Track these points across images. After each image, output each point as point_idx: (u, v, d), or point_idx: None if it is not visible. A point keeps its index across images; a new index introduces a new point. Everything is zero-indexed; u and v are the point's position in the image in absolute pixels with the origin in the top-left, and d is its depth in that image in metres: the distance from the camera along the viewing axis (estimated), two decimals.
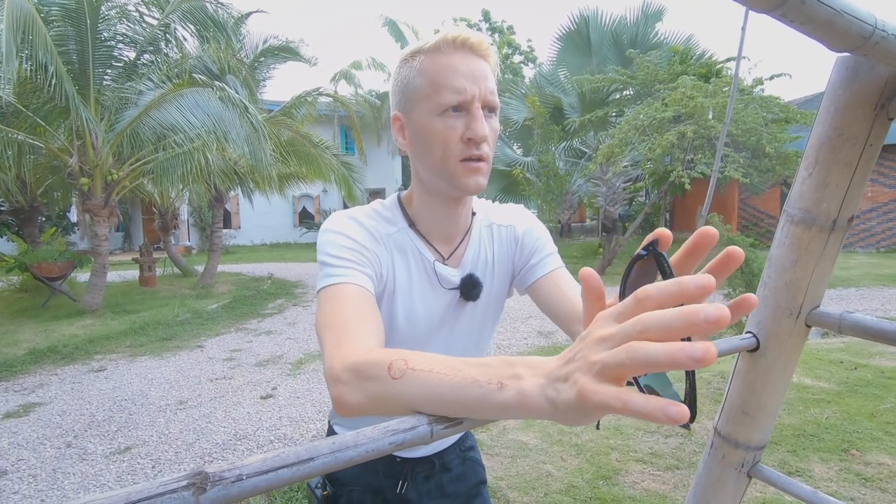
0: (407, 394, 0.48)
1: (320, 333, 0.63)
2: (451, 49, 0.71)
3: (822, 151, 0.69)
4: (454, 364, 0.46)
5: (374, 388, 0.51)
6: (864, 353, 4.16)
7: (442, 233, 0.83)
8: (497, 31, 24.37)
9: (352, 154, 16.20)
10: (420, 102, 0.73)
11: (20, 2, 5.26)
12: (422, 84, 0.72)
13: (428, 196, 0.80)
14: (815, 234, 0.72)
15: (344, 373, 0.54)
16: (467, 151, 0.71)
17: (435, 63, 0.71)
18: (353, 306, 0.66)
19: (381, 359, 0.51)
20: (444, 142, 0.71)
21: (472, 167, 0.72)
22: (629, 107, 11.46)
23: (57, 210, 11.78)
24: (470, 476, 1.06)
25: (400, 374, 0.49)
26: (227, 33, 7.94)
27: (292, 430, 3.33)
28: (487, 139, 0.72)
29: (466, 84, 0.70)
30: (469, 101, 0.70)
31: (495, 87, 0.74)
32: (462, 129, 0.71)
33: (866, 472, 2.40)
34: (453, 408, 0.45)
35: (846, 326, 0.74)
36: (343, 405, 0.54)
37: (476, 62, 0.72)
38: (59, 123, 6.72)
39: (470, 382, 0.43)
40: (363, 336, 0.61)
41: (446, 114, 0.71)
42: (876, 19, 0.47)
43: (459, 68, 0.70)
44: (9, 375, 4.53)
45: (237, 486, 0.36)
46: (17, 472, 2.86)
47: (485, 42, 0.72)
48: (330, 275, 0.70)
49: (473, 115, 0.70)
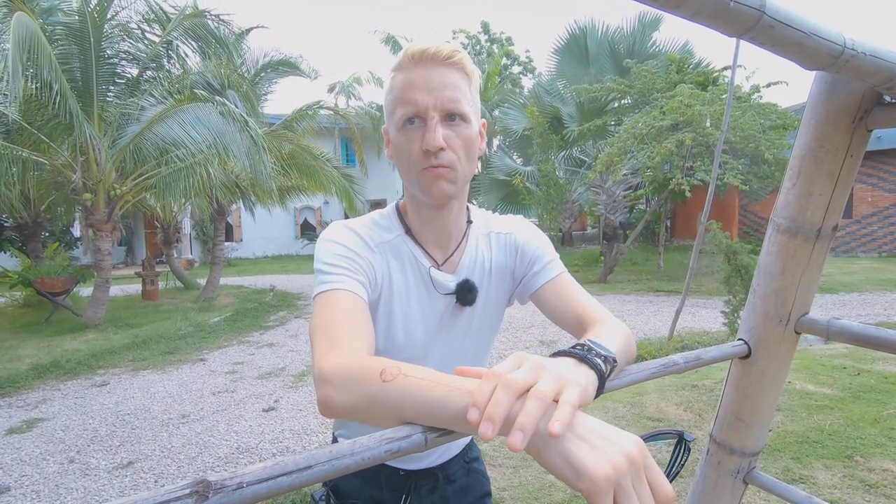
0: (395, 398, 0.49)
1: (312, 337, 0.66)
2: (411, 64, 0.73)
3: (804, 162, 0.71)
4: (446, 376, 0.48)
5: (363, 390, 0.52)
6: (868, 358, 4.14)
7: (436, 239, 0.85)
8: (496, 42, 24.59)
9: (353, 166, 16.31)
10: (389, 118, 0.77)
11: (26, 21, 5.36)
12: (389, 101, 0.76)
13: (416, 204, 0.82)
14: (801, 242, 0.74)
15: (334, 375, 0.56)
16: (426, 161, 0.73)
17: (399, 80, 0.74)
18: (344, 312, 0.68)
19: (375, 364, 0.53)
20: (406, 154, 0.74)
21: (433, 173, 0.73)
22: (627, 115, 11.54)
23: (60, 225, 11.86)
24: (474, 488, 1.05)
25: (391, 378, 0.50)
26: (228, 49, 8.05)
27: (295, 443, 3.32)
28: (450, 147, 0.73)
29: (419, 96, 0.71)
30: (423, 112, 0.72)
31: (462, 95, 0.73)
32: (420, 140, 0.73)
33: (870, 478, 2.39)
34: (440, 416, 0.46)
35: (834, 333, 0.75)
36: (329, 406, 0.55)
37: (437, 72, 0.72)
38: (62, 140, 6.80)
39: (462, 393, 0.45)
40: (354, 341, 0.63)
41: (406, 127, 0.74)
42: (845, 39, 0.49)
43: (415, 81, 0.72)
44: (12, 391, 4.54)
45: (238, 494, 0.37)
46: (21, 487, 2.86)
47: (444, 50, 0.72)
48: (324, 281, 0.73)
49: (428, 125, 0.72)
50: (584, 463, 0.39)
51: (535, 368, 0.44)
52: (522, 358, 0.46)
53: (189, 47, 7.74)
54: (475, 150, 0.78)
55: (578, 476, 0.39)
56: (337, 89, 17.43)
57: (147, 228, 16.58)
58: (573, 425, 0.42)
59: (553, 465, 0.40)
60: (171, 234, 11.12)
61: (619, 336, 0.65)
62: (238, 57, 9.13)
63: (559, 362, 0.48)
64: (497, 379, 0.43)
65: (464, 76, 0.75)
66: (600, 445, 0.40)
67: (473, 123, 0.76)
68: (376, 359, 0.56)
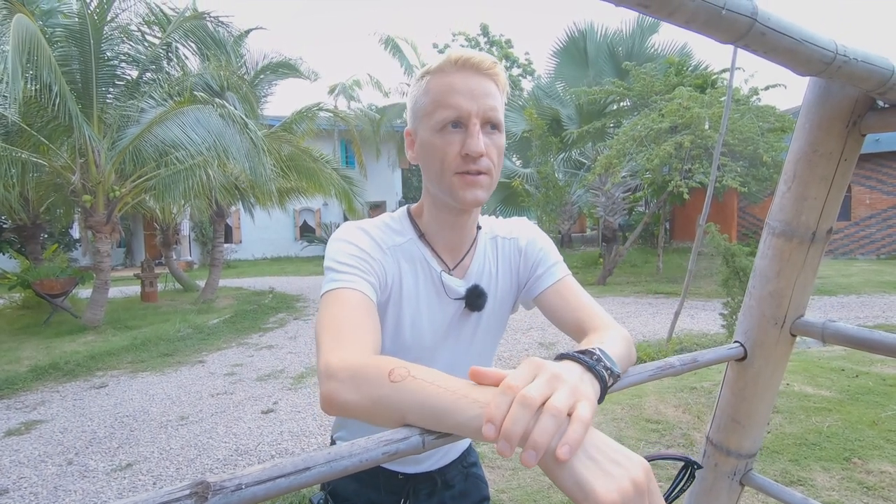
0: (401, 400, 0.49)
1: (318, 334, 0.65)
2: (453, 69, 0.74)
3: (799, 166, 0.72)
4: (455, 382, 0.48)
5: (370, 389, 0.52)
6: (866, 360, 4.15)
7: (449, 244, 0.85)
8: (495, 44, 24.64)
9: (352, 168, 16.30)
10: (424, 119, 0.77)
11: (25, 23, 5.36)
12: (426, 102, 0.76)
13: (436, 208, 0.83)
14: (796, 245, 0.74)
15: (341, 371, 0.56)
16: (464, 166, 0.74)
17: (438, 83, 0.75)
18: (353, 311, 0.68)
19: (384, 364, 0.53)
20: (442, 156, 0.74)
21: (468, 180, 0.74)
22: (626, 118, 11.56)
23: (59, 227, 11.85)
24: (472, 493, 1.05)
25: (399, 379, 0.50)
26: (227, 51, 8.06)
27: (293, 445, 3.32)
28: (487, 154, 0.74)
29: (463, 101, 0.72)
30: (466, 118, 0.73)
31: (499, 105, 0.76)
32: (459, 144, 0.73)
33: (868, 480, 2.39)
34: (446, 424, 0.46)
35: (829, 335, 0.76)
36: (333, 402, 0.55)
37: (477, 80, 0.74)
38: (62, 141, 6.80)
39: (470, 402, 0.45)
40: (362, 340, 0.63)
41: (445, 130, 0.74)
42: (836, 45, 0.50)
43: (458, 87, 0.73)
44: (10, 393, 4.53)
45: (237, 496, 0.38)
46: (19, 490, 2.85)
47: (487, 61, 0.74)
48: (334, 279, 0.73)
49: (470, 131, 0.73)
50: (593, 487, 0.40)
51: (550, 380, 0.44)
52: (537, 367, 0.46)
53: (188, 49, 7.74)
54: (503, 160, 0.79)
55: (586, 498, 0.40)
56: (336, 91, 17.46)
57: (146, 230, 16.57)
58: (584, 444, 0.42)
59: (563, 483, 0.41)
60: (170, 235, 11.11)
61: (622, 343, 0.65)
62: (237, 59, 9.14)
63: (569, 370, 0.48)
64: (513, 393, 0.43)
65: (498, 89, 0.77)
66: (609, 469, 0.41)
67: (504, 134, 0.78)
68: (386, 358, 0.56)
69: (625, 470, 0.41)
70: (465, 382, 0.48)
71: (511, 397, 0.42)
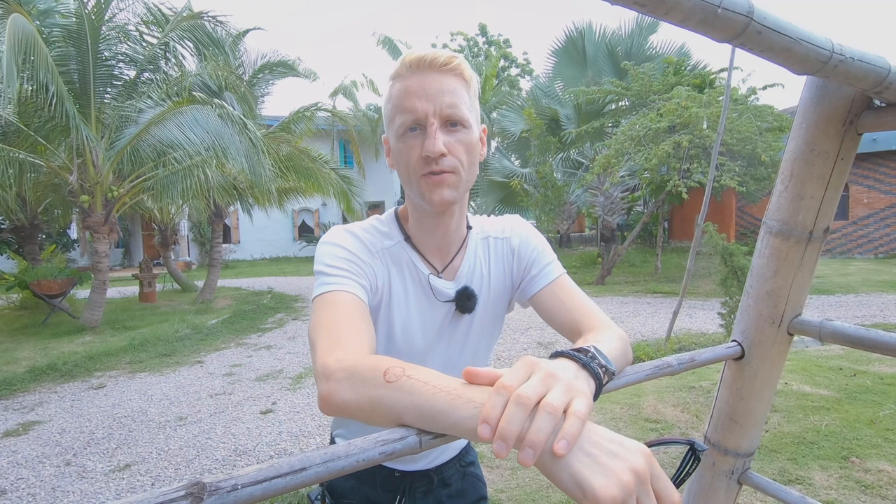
0: (397, 400, 0.49)
1: (313, 336, 0.65)
2: (409, 72, 0.73)
3: (796, 165, 0.72)
4: (451, 382, 0.48)
5: (367, 389, 0.52)
6: (864, 359, 4.16)
7: (436, 246, 0.84)
8: (494, 44, 24.65)
9: (350, 168, 16.28)
10: (389, 126, 0.77)
11: (22, 23, 5.35)
12: (389, 109, 0.76)
13: (417, 211, 0.82)
14: (793, 244, 0.74)
15: (339, 371, 0.56)
16: (427, 168, 0.73)
17: (397, 88, 0.74)
18: (347, 312, 0.68)
19: (379, 363, 0.53)
20: (406, 161, 0.74)
21: (433, 180, 0.73)
22: (625, 118, 11.57)
23: (57, 227, 11.81)
24: (470, 492, 1.05)
25: (395, 379, 0.50)
26: (224, 51, 8.04)
27: (292, 445, 3.32)
28: (451, 152, 0.73)
29: (418, 103, 0.71)
30: (423, 119, 0.72)
31: (461, 100, 0.73)
32: (420, 147, 0.73)
33: (866, 479, 2.40)
34: (441, 424, 0.46)
35: (826, 334, 0.76)
36: (331, 403, 0.55)
37: (433, 79, 0.72)
38: (59, 142, 6.78)
39: (466, 402, 0.45)
40: (357, 340, 0.62)
41: (406, 135, 0.74)
42: (833, 44, 0.50)
43: (413, 89, 0.72)
44: (8, 394, 4.52)
45: (233, 496, 0.37)
46: (17, 490, 2.85)
47: (441, 57, 0.72)
48: (325, 283, 0.72)
49: (428, 132, 0.72)
50: (591, 483, 0.39)
51: (545, 379, 0.44)
52: (532, 366, 0.46)
53: (186, 49, 7.73)
54: (476, 156, 0.78)
55: (585, 496, 0.39)
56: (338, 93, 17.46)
57: (144, 230, 16.53)
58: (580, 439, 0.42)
59: (560, 481, 0.41)
60: (168, 236, 11.09)
61: (617, 342, 0.65)
62: (235, 59, 9.13)
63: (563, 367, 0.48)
64: (508, 393, 0.42)
65: (462, 82, 0.75)
66: (606, 462, 0.40)
67: (474, 129, 0.76)
68: (382, 358, 0.55)
69: (623, 461, 0.40)
70: (461, 382, 0.48)
71: (506, 397, 0.42)
